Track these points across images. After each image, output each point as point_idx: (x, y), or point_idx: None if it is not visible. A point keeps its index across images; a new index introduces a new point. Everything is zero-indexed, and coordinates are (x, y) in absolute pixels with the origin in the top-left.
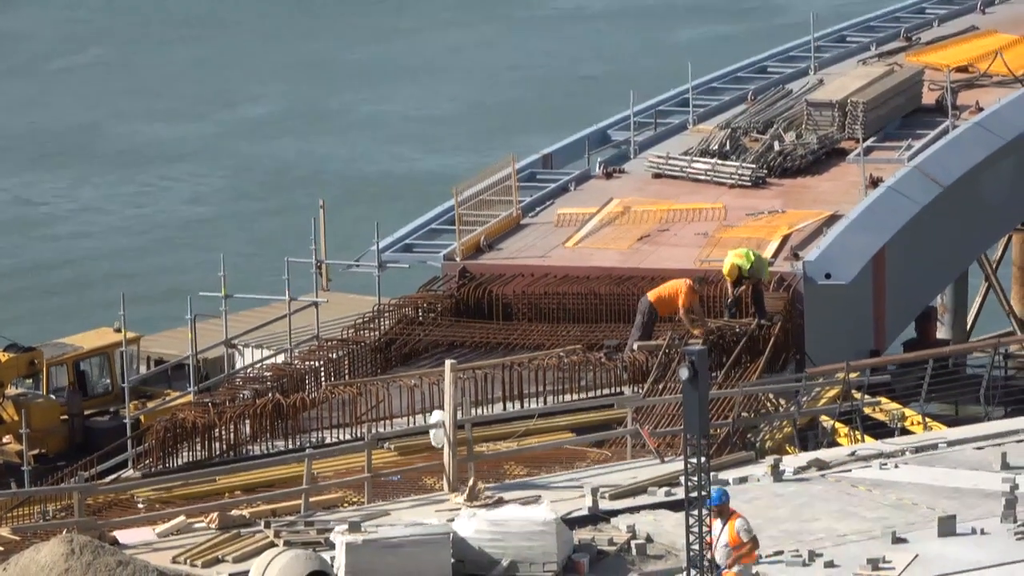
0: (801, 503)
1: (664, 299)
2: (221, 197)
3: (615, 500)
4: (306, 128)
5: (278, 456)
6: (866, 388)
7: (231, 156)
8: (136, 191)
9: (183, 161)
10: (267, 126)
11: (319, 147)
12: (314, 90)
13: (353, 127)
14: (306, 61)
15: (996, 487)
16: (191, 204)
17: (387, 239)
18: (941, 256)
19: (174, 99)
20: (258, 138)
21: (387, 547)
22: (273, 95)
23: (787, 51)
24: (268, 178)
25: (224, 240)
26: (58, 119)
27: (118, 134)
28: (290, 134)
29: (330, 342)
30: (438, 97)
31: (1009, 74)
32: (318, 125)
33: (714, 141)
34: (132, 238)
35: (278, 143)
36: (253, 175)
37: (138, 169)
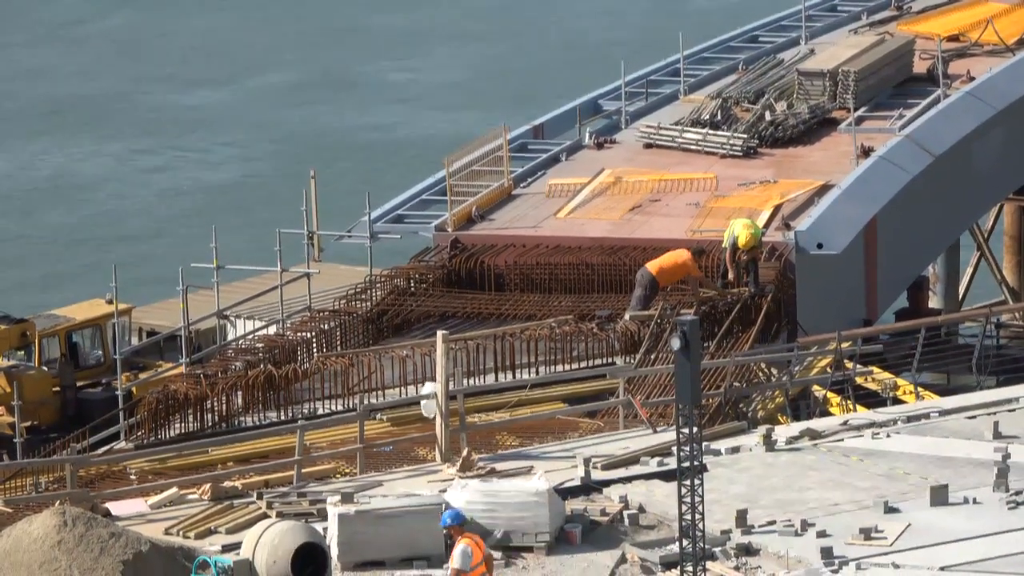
0: (793, 473)
1: (667, 270)
2: (239, 165)
3: (607, 470)
4: (330, 95)
5: (270, 427)
6: (858, 358)
7: (253, 123)
8: (160, 158)
9: (206, 128)
10: (291, 93)
11: (340, 114)
12: (339, 56)
13: (379, 93)
14: (332, 27)
15: (988, 456)
16: (210, 171)
17: (378, 210)
18: (933, 226)
19: (198, 66)
20: (281, 105)
21: (380, 518)
22: (297, 62)
23: (778, 20)
24: (286, 147)
25: (237, 210)
26: (82, 85)
27: (137, 101)
28: (314, 102)
29: (322, 313)
30: (459, 63)
31: (1000, 43)
32: (342, 92)
33: (705, 111)
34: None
35: (300, 111)
36: (276, 143)
37: (160, 136)
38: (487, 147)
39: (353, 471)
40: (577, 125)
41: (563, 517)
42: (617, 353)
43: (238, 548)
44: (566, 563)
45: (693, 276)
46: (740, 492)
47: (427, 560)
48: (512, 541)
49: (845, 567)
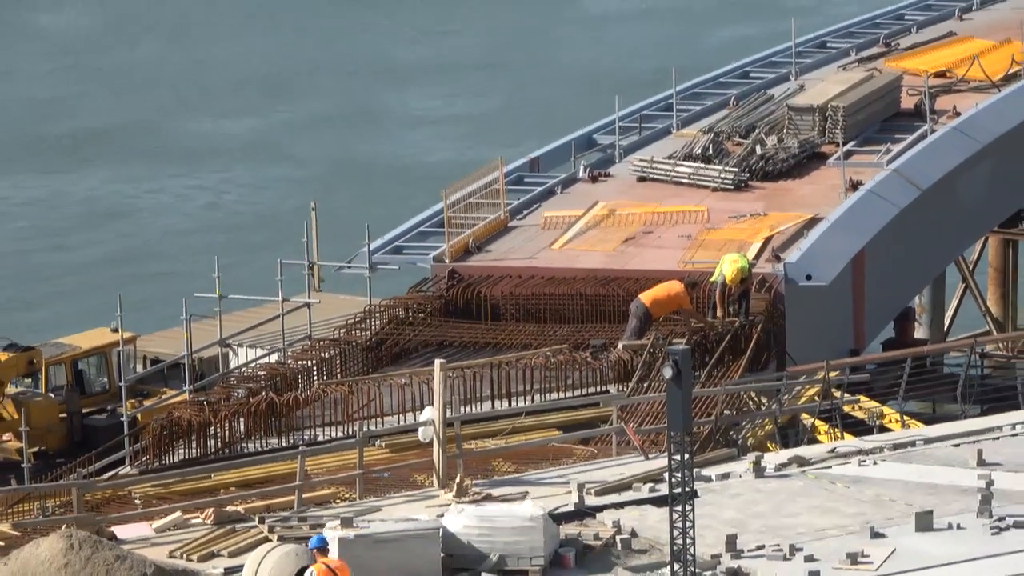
0: (782, 499)
1: (660, 301)
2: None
3: (600, 496)
4: (356, 124)
5: (272, 453)
6: (846, 387)
7: (272, 153)
8: (186, 186)
9: (233, 158)
10: (319, 123)
11: (367, 143)
12: (365, 87)
13: (403, 123)
14: (358, 59)
15: (972, 483)
16: (224, 200)
17: (378, 241)
18: (919, 257)
19: (227, 95)
20: (309, 135)
21: (379, 542)
22: (322, 92)
23: (769, 57)
24: (300, 176)
25: (243, 239)
26: (112, 115)
27: (167, 130)
28: (340, 130)
29: (322, 342)
30: (481, 94)
31: (986, 79)
32: (368, 122)
33: (697, 145)
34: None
35: (327, 140)
36: (293, 172)
37: (189, 164)
38: (484, 180)
39: (352, 496)
40: (572, 159)
41: (557, 541)
42: (610, 381)
43: (240, 571)
44: None
45: (685, 308)
46: (730, 517)
47: None
48: (508, 565)
49: None
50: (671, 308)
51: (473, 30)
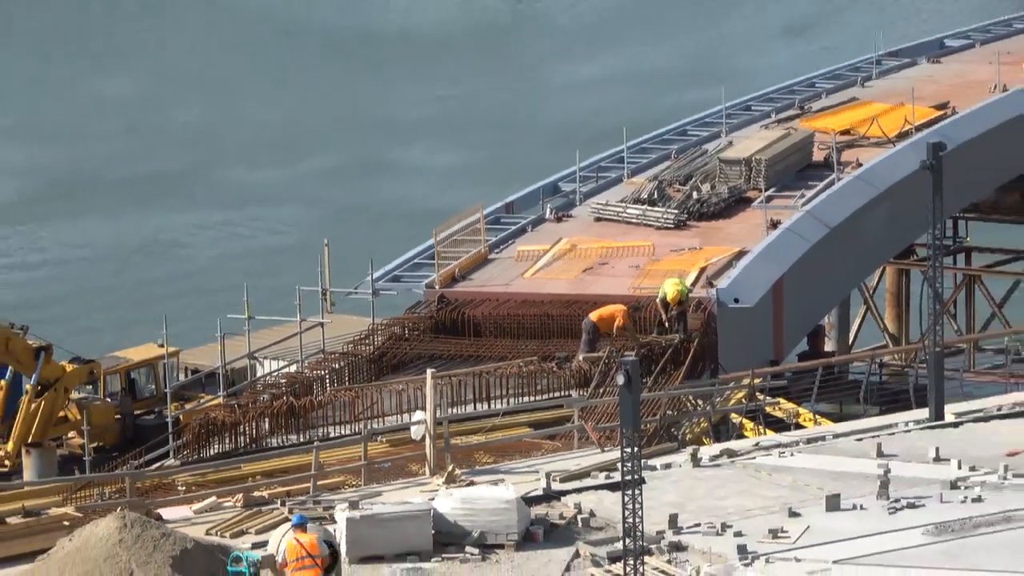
0: (715, 485)
1: (604, 318)
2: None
3: (564, 482)
4: (364, 173)
5: (291, 448)
6: (767, 391)
7: (296, 198)
8: (223, 224)
9: (258, 202)
10: (334, 173)
11: (373, 189)
12: (372, 142)
13: (403, 172)
14: (368, 119)
15: (872, 471)
16: (261, 237)
17: (379, 271)
18: (828, 283)
19: (260, 149)
20: (326, 182)
21: (380, 521)
22: (338, 146)
23: (703, 118)
24: (322, 217)
25: (273, 269)
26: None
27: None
28: (351, 178)
29: (333, 355)
30: (467, 149)
31: (883, 136)
32: (374, 171)
33: (644, 191)
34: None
35: (340, 186)
36: (320, 211)
37: (226, 206)
38: (468, 220)
39: (358, 483)
40: (541, 202)
41: (529, 520)
42: (572, 387)
43: (265, 545)
44: (531, 558)
45: (624, 325)
46: (672, 500)
47: (418, 555)
48: (487, 540)
49: (756, 560)
50: (612, 326)
51: (463, 95)
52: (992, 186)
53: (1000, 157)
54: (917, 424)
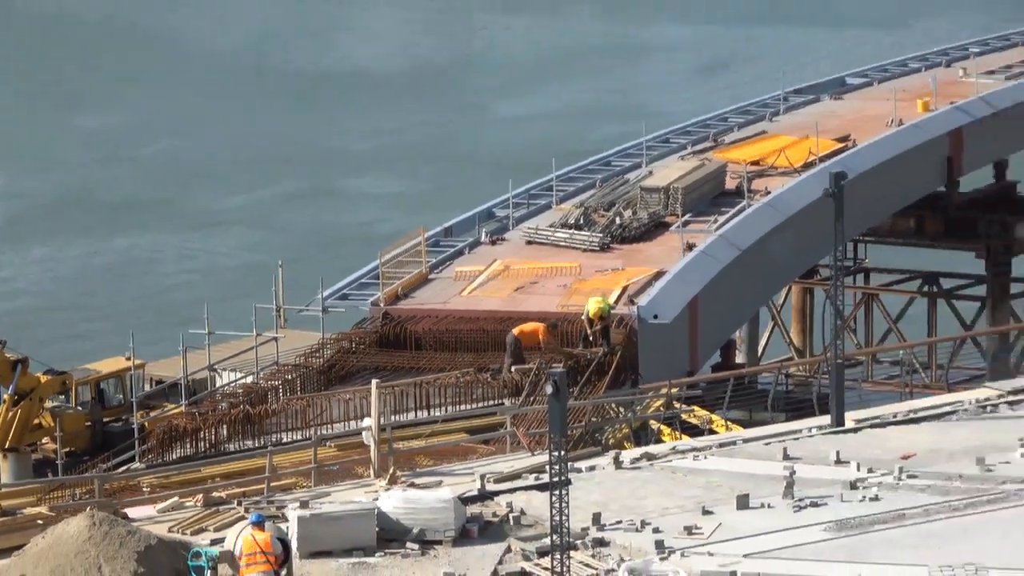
0: (635, 486)
1: (526, 333)
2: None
3: (498, 483)
4: (318, 200)
5: (247, 452)
6: (684, 399)
7: (260, 222)
8: (189, 246)
9: (222, 226)
10: (290, 199)
11: (325, 216)
12: (324, 172)
13: (353, 200)
14: (319, 150)
15: (779, 473)
16: (222, 258)
17: (329, 289)
18: (739, 301)
19: (223, 178)
20: (282, 209)
21: (329, 519)
22: (295, 175)
23: (625, 149)
24: (280, 240)
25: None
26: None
27: (178, 204)
28: (306, 205)
29: (286, 367)
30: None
31: (790, 166)
32: (327, 198)
33: (571, 216)
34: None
35: (296, 212)
36: (277, 235)
37: (192, 230)
38: (410, 243)
39: (309, 484)
40: (477, 227)
41: (465, 518)
42: (505, 396)
43: (223, 541)
44: (467, 553)
45: (543, 340)
46: (596, 500)
47: (363, 550)
48: (427, 536)
49: (673, 555)
50: (534, 341)
51: (410, 129)
52: (889, 212)
53: (896, 185)
54: (820, 430)
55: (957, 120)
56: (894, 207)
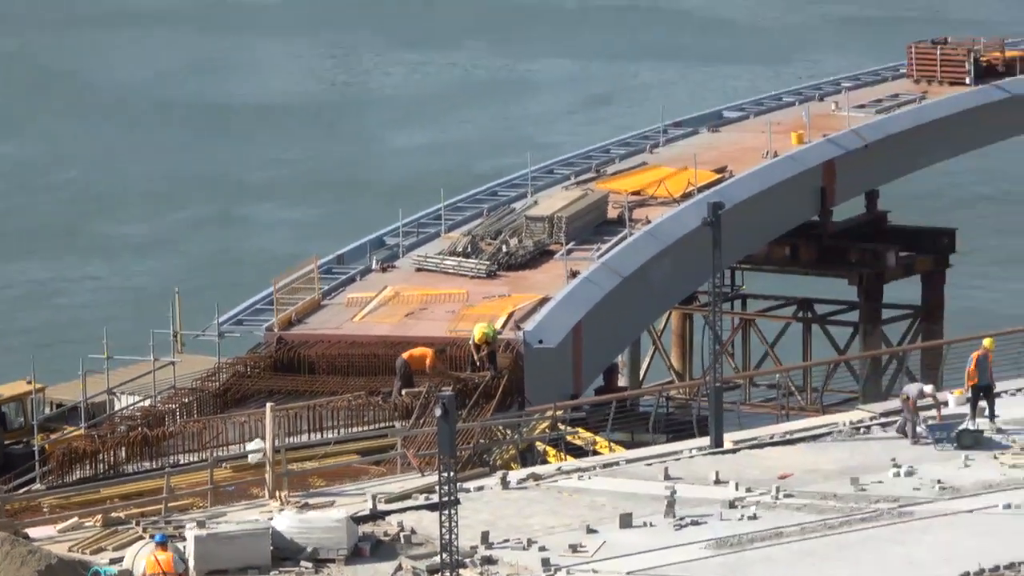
0: (522, 505)
1: (415, 357)
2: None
3: (389, 503)
4: (219, 227)
5: (145, 473)
6: (568, 421)
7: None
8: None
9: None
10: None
11: (224, 243)
12: (227, 199)
13: (252, 229)
14: (223, 178)
15: (660, 493)
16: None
17: (225, 315)
18: (621, 326)
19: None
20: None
21: (224, 539)
22: (196, 203)
23: (511, 180)
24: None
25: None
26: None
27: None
28: (207, 231)
29: (183, 390)
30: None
31: (669, 196)
32: (227, 225)
33: (460, 244)
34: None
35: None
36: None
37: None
38: (304, 270)
39: (205, 505)
40: (368, 254)
41: (357, 537)
42: (396, 419)
43: (121, 561)
44: (359, 571)
45: (430, 364)
46: (484, 519)
47: (258, 569)
48: (320, 555)
49: (559, 572)
50: (423, 365)
51: (306, 160)
52: (764, 240)
53: (771, 215)
54: (699, 451)
55: (830, 152)
56: (770, 236)
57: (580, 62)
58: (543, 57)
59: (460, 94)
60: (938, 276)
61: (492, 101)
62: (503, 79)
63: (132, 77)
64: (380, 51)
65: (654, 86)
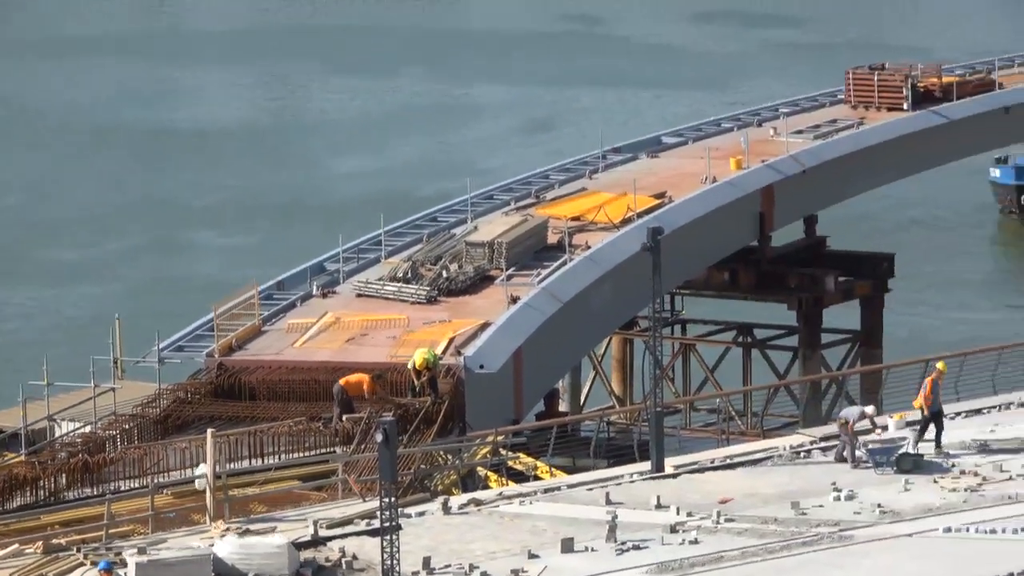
0: (464, 530)
1: (352, 384)
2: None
3: (330, 529)
4: (158, 253)
5: (86, 500)
6: (509, 447)
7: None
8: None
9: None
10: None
11: (165, 268)
12: (165, 225)
13: (194, 254)
14: (162, 204)
15: (602, 517)
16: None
17: (166, 341)
18: (562, 351)
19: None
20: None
21: (165, 565)
22: (137, 229)
23: (451, 205)
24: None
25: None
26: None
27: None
28: (146, 257)
29: (124, 417)
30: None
31: (609, 222)
32: (166, 251)
33: (400, 270)
34: None
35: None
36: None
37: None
38: (244, 296)
39: (146, 531)
40: (308, 280)
41: (298, 563)
42: (337, 444)
43: None
44: None
45: (369, 390)
46: (425, 544)
47: None
48: None
49: None
50: (360, 391)
51: (246, 184)
52: (704, 265)
53: (710, 240)
54: (641, 475)
55: (768, 177)
56: (709, 261)
57: (520, 88)
58: (482, 83)
59: (401, 120)
60: (877, 301)
61: (433, 126)
62: (443, 104)
63: (71, 103)
64: (320, 78)
65: (593, 111)
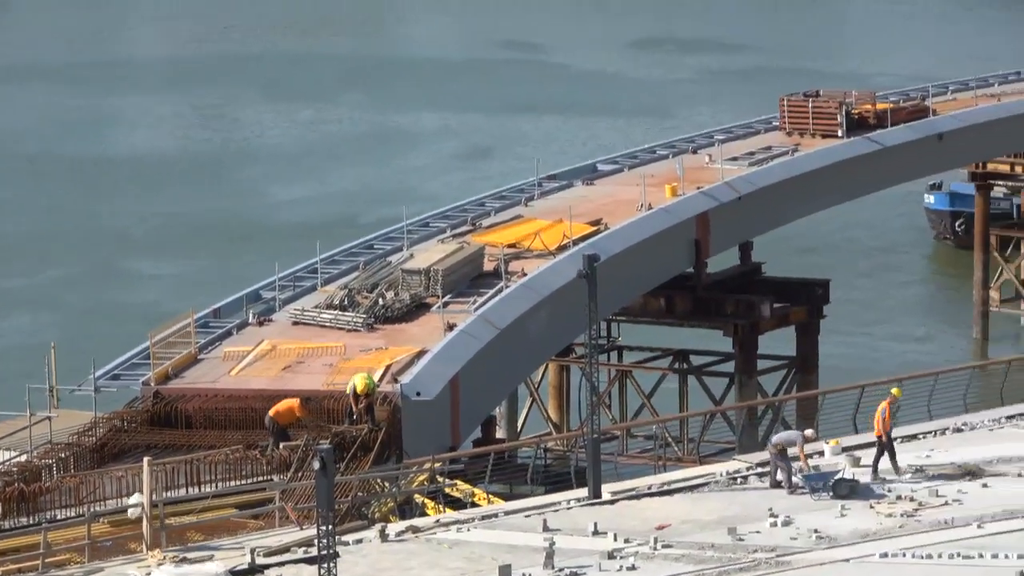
0: (402, 557)
1: (281, 412)
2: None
3: (268, 557)
4: (96, 281)
5: (22, 529)
6: (447, 474)
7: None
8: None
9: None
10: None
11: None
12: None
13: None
14: (101, 232)
15: (539, 544)
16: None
17: (101, 370)
18: (499, 378)
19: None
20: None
21: None
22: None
23: (387, 233)
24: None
25: None
26: None
27: None
28: (84, 286)
29: (60, 445)
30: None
31: (545, 249)
32: (104, 279)
33: (336, 298)
34: None
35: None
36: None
37: None
38: (179, 324)
39: (83, 560)
40: (244, 308)
41: None
42: (274, 472)
43: None
44: None
45: (300, 416)
46: (363, 572)
47: None
48: None
49: None
50: (291, 418)
51: (182, 212)
52: (640, 292)
53: (646, 267)
54: (578, 502)
55: (703, 204)
56: (645, 287)
57: (457, 115)
58: (420, 110)
59: (338, 147)
60: (812, 327)
61: (370, 154)
62: (380, 132)
63: (3, 132)
64: (258, 106)
65: (529, 139)
